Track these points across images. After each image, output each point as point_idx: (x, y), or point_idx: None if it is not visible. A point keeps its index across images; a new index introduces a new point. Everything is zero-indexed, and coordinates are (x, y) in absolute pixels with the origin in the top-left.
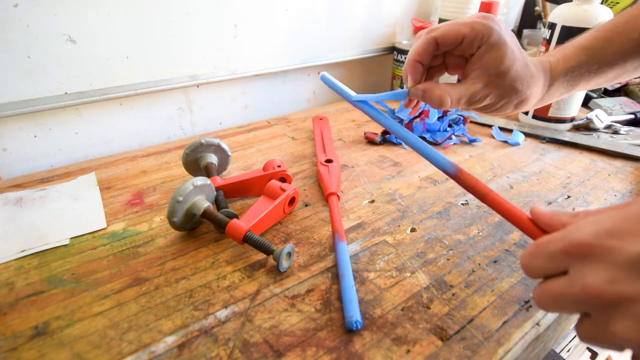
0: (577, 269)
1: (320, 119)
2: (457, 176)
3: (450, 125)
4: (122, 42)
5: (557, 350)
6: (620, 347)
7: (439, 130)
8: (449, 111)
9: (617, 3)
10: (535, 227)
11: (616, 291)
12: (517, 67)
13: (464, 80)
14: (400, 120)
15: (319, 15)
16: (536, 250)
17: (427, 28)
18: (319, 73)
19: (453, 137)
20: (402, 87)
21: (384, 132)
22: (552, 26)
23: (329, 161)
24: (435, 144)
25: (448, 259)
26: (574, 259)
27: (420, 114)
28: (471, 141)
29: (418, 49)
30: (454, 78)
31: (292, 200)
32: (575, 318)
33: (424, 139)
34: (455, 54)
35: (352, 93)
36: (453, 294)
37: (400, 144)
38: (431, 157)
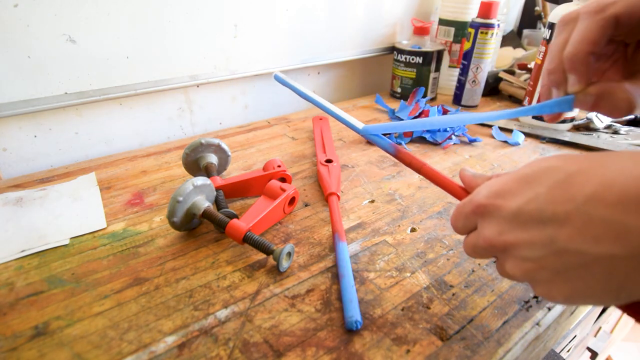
0: (480, 224)
1: (320, 119)
2: (397, 155)
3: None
4: (122, 42)
5: (557, 350)
6: (516, 280)
7: (439, 130)
8: (449, 111)
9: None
10: (463, 192)
11: (502, 240)
12: None
13: None
14: (400, 120)
15: (319, 15)
16: (457, 212)
17: (566, 13)
18: (318, 73)
19: (453, 137)
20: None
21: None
22: (552, 26)
23: (329, 161)
24: (435, 143)
25: (448, 259)
26: (478, 217)
27: (420, 114)
28: (471, 141)
29: (591, 34)
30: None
31: (292, 200)
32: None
33: (423, 139)
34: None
35: (329, 105)
36: (453, 294)
37: (400, 143)
38: (377, 142)
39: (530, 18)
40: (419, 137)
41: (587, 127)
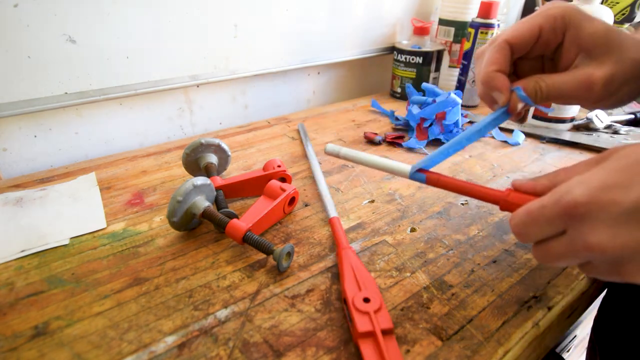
0: (576, 229)
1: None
2: (429, 181)
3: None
4: (122, 42)
5: (557, 350)
6: (626, 280)
7: (450, 131)
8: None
9: (617, 3)
10: (520, 196)
11: (619, 244)
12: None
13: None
14: (408, 125)
15: (319, 15)
16: (530, 218)
17: (477, 50)
18: (318, 73)
19: None
20: (497, 108)
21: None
22: None
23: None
24: None
25: (448, 259)
26: (572, 220)
27: (435, 117)
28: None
29: (492, 57)
30: None
31: (292, 200)
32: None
33: (439, 141)
34: (533, 55)
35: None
36: (453, 294)
37: (413, 148)
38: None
39: None
40: (434, 139)
41: (587, 127)
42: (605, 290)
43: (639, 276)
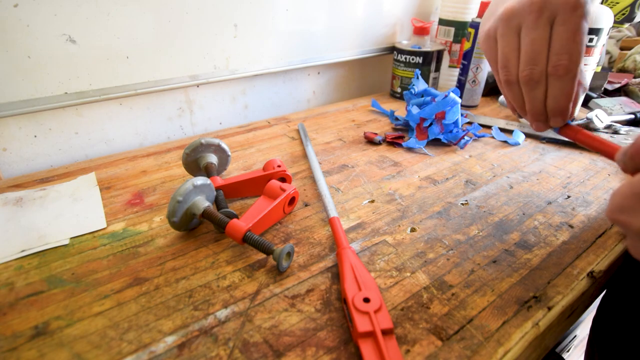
0: None
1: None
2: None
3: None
4: (122, 42)
5: (557, 350)
6: None
7: (450, 132)
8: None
9: (617, 3)
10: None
11: None
12: None
13: None
14: (407, 125)
15: (319, 15)
16: (632, 193)
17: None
18: (318, 73)
19: (465, 137)
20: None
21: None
22: None
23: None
24: (449, 144)
25: (448, 259)
26: None
27: (435, 116)
28: (480, 137)
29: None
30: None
31: (292, 200)
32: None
33: (438, 140)
34: None
35: None
36: (453, 294)
37: (412, 148)
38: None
39: None
40: (434, 139)
41: (587, 127)
42: (605, 291)
43: None
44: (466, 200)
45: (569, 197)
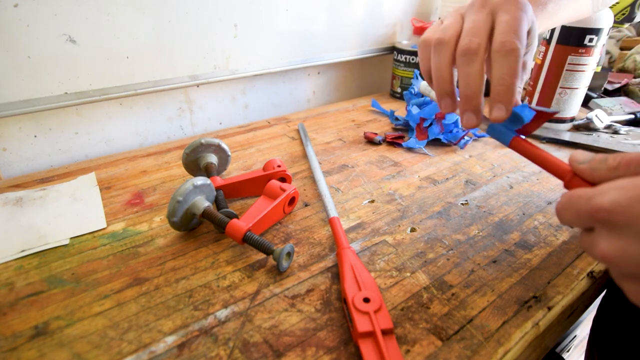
0: (598, 232)
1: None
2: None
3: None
4: (122, 42)
5: (557, 350)
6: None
7: (450, 132)
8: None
9: (617, 3)
10: (577, 180)
11: (626, 260)
12: None
13: None
14: (407, 125)
15: (319, 15)
16: (566, 204)
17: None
18: (318, 73)
19: (465, 137)
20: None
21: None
22: None
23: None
24: (449, 144)
25: (448, 259)
26: (597, 223)
27: (435, 116)
28: (480, 137)
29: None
30: None
31: (292, 200)
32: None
33: (438, 140)
34: None
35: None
36: (453, 294)
37: (412, 148)
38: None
39: None
40: (434, 139)
41: (587, 127)
42: (605, 291)
43: (635, 298)
44: (466, 200)
45: None
